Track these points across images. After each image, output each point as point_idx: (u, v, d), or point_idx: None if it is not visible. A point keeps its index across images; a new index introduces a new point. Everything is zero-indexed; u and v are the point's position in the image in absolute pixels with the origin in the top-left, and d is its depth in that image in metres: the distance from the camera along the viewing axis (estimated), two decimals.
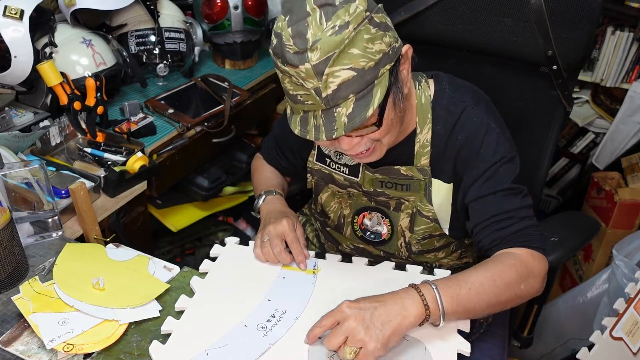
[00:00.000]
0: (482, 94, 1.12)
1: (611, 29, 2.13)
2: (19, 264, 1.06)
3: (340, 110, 0.89)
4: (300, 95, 0.89)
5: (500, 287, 0.93)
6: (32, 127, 1.49)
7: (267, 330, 0.94)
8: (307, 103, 0.90)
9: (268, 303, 1.00)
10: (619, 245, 1.65)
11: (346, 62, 0.85)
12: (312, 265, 1.10)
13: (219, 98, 1.80)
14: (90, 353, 0.91)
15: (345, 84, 0.87)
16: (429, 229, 1.16)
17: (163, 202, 1.89)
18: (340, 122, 0.89)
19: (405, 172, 1.12)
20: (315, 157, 1.22)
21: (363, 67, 0.87)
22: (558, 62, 1.28)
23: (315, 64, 0.85)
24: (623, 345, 1.16)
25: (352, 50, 0.85)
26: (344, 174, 1.19)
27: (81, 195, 1.20)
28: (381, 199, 1.18)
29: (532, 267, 0.97)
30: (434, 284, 0.91)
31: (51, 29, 1.56)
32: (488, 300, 0.93)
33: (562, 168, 2.50)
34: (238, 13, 1.93)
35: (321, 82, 0.86)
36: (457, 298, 0.90)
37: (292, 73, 0.87)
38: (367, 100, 0.89)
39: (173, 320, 0.96)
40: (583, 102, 2.37)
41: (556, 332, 1.85)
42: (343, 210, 1.24)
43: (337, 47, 0.84)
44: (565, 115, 1.38)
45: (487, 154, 1.04)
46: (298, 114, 0.94)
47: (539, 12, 1.24)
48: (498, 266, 0.96)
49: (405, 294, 0.90)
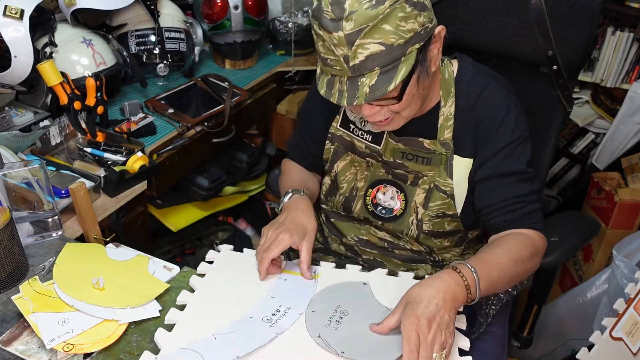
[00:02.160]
0: (503, 78, 1.17)
1: (611, 29, 2.13)
2: (19, 264, 1.06)
3: (364, 80, 0.94)
4: (330, 59, 0.95)
5: (518, 266, 1.03)
6: (32, 126, 1.49)
7: (272, 322, 0.96)
8: (335, 68, 0.95)
9: (272, 300, 1.01)
10: (619, 245, 1.65)
11: (377, 37, 0.90)
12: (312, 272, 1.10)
13: (219, 98, 1.80)
14: (90, 353, 0.91)
15: (373, 57, 0.92)
16: (444, 205, 1.17)
17: (163, 202, 1.89)
18: (362, 92, 0.94)
19: (428, 146, 1.14)
20: (340, 122, 1.24)
21: (392, 44, 0.91)
22: (558, 62, 1.28)
23: (347, 34, 0.90)
24: (623, 345, 1.16)
25: (385, 26, 0.90)
26: (366, 141, 1.20)
27: (81, 195, 1.20)
28: (399, 172, 1.19)
29: (539, 246, 1.08)
30: (473, 269, 0.96)
31: (51, 28, 1.56)
32: (509, 279, 1.03)
33: (562, 168, 2.50)
34: (238, 13, 1.93)
35: (350, 51, 0.91)
36: (489, 280, 0.97)
37: (326, 38, 0.93)
38: (390, 75, 0.93)
39: (177, 311, 0.97)
40: (583, 102, 2.37)
41: (556, 332, 1.85)
42: (357, 182, 1.24)
43: (371, 21, 0.89)
44: (565, 115, 1.38)
45: (507, 132, 1.09)
46: (326, 75, 0.99)
47: (539, 12, 1.24)
48: (516, 247, 1.04)
49: (452, 280, 0.93)
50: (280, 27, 2.11)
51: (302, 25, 2.10)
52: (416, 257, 1.26)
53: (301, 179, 1.31)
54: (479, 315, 1.28)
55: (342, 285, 1.06)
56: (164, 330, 0.93)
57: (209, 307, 0.99)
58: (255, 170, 2.06)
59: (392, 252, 1.26)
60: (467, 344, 0.94)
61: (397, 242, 1.25)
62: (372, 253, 1.28)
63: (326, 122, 1.27)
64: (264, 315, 0.97)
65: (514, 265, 1.02)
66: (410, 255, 1.25)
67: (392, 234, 1.24)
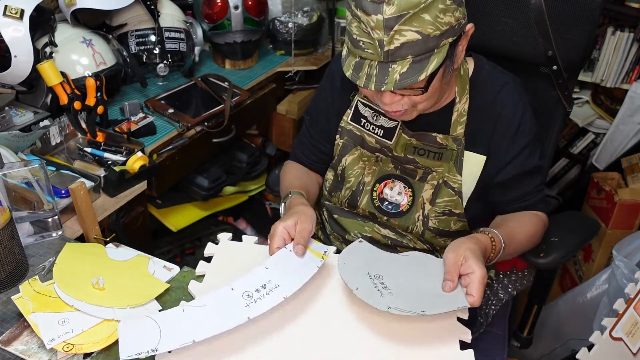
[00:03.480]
0: (518, 79, 1.19)
1: (611, 30, 2.13)
2: (19, 264, 1.06)
3: (395, 67, 0.94)
4: (363, 42, 0.94)
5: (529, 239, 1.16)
6: (32, 126, 1.49)
7: (250, 301, 0.91)
8: (367, 51, 0.95)
9: (264, 271, 0.98)
10: (619, 245, 1.65)
11: (415, 25, 0.91)
12: (323, 250, 1.07)
13: (219, 98, 1.80)
14: (90, 353, 0.91)
15: (408, 45, 0.92)
16: (451, 203, 1.17)
17: (163, 202, 1.89)
18: (392, 78, 0.94)
19: (440, 141, 1.15)
20: (350, 116, 1.24)
21: (429, 34, 0.92)
22: (558, 62, 1.28)
23: (387, 18, 0.90)
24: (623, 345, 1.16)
25: (424, 16, 0.90)
26: (377, 135, 1.20)
27: (81, 195, 1.20)
28: (408, 167, 1.20)
29: (545, 225, 1.20)
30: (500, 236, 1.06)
31: (51, 28, 1.56)
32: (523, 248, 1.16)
33: (562, 168, 2.50)
34: (238, 13, 1.93)
35: (387, 36, 0.91)
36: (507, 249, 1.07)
37: (363, 19, 0.92)
38: (422, 65, 0.94)
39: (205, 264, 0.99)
40: (583, 103, 2.37)
41: (556, 332, 1.85)
42: (365, 176, 1.24)
43: (412, 8, 0.89)
44: (565, 115, 1.38)
45: (525, 131, 1.13)
46: (354, 57, 0.98)
47: (539, 13, 1.24)
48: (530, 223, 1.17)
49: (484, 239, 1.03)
50: (280, 27, 2.11)
51: (302, 25, 2.10)
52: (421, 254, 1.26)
53: (300, 182, 1.29)
54: (479, 315, 1.28)
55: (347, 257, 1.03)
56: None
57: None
58: (255, 170, 2.06)
59: (395, 249, 1.26)
60: (469, 336, 0.94)
61: (401, 240, 1.25)
62: None
63: (337, 117, 1.26)
64: (246, 290, 0.92)
65: (525, 238, 1.14)
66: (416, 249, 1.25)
67: (396, 231, 1.24)
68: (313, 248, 1.07)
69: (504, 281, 1.34)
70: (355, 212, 1.27)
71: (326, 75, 1.30)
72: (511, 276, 1.35)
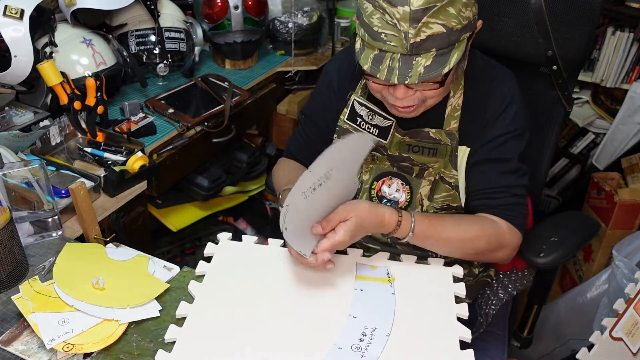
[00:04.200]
0: (512, 73, 1.18)
1: (611, 30, 2.13)
2: (19, 264, 1.06)
3: (419, 59, 0.94)
4: (385, 34, 0.93)
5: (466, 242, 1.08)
6: (32, 126, 1.49)
7: (363, 351, 0.89)
8: (389, 44, 0.94)
9: (354, 321, 0.95)
10: (619, 245, 1.65)
11: (442, 18, 0.91)
12: (385, 274, 1.06)
13: (219, 98, 1.80)
14: (90, 353, 0.91)
15: (433, 37, 0.92)
16: (449, 197, 1.17)
17: (163, 202, 1.89)
18: (416, 71, 0.94)
19: (434, 135, 1.15)
20: (347, 115, 1.23)
21: (452, 28, 0.92)
22: (558, 62, 1.28)
23: (415, 10, 0.90)
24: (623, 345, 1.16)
25: (450, 9, 0.91)
26: (373, 134, 1.20)
27: (81, 195, 1.20)
28: (404, 165, 1.20)
29: (504, 238, 1.10)
30: (414, 216, 1.05)
31: (51, 28, 1.56)
32: (450, 246, 1.09)
33: (562, 168, 2.50)
34: (238, 13, 1.93)
35: (413, 28, 0.91)
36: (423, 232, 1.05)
37: (388, 11, 0.92)
38: (445, 59, 0.94)
39: (176, 328, 0.94)
40: (583, 103, 2.37)
41: (556, 332, 1.85)
42: (362, 175, 1.24)
43: (440, 1, 0.90)
44: (565, 115, 1.38)
45: (504, 123, 1.12)
46: (372, 50, 0.97)
47: (539, 13, 1.24)
48: (471, 224, 1.10)
49: (387, 213, 1.03)
50: (280, 27, 2.11)
51: (302, 25, 2.10)
52: (418, 253, 1.26)
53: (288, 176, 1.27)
54: (479, 316, 1.28)
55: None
56: (165, 352, 0.90)
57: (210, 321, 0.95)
58: (255, 170, 2.06)
59: (394, 247, 1.26)
60: (469, 336, 0.94)
61: None
62: (374, 249, 1.28)
63: (334, 117, 1.26)
64: (352, 343, 0.90)
65: (460, 236, 1.07)
66: (411, 251, 1.25)
67: None
68: (374, 276, 1.06)
69: (504, 281, 1.34)
70: None
71: (322, 76, 1.30)
72: (511, 276, 1.35)
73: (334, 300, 1.00)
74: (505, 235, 1.10)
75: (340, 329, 0.94)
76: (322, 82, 1.29)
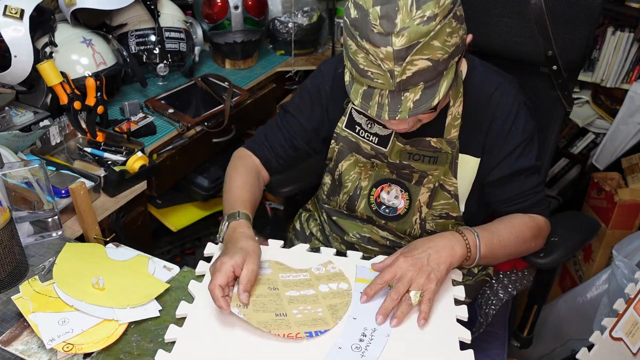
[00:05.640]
0: (513, 78, 1.17)
1: (611, 30, 2.13)
2: (19, 264, 1.06)
3: (408, 95, 0.93)
4: (372, 72, 0.93)
5: (519, 242, 1.12)
6: (32, 126, 1.49)
7: (363, 351, 0.90)
8: (377, 81, 0.93)
9: (354, 322, 0.96)
10: (619, 245, 1.65)
11: (426, 53, 0.89)
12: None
13: (219, 98, 1.80)
14: (90, 353, 0.91)
15: (419, 72, 0.91)
16: (447, 206, 1.17)
17: (163, 202, 1.89)
18: (406, 106, 0.93)
19: (435, 144, 1.14)
20: (345, 123, 1.22)
21: (438, 59, 0.91)
22: (558, 62, 1.28)
23: (397, 49, 0.88)
24: (623, 345, 1.16)
25: (434, 42, 0.89)
26: (372, 142, 1.20)
27: (81, 195, 1.20)
28: (404, 172, 1.19)
29: (543, 229, 1.17)
30: (475, 231, 1.06)
31: (51, 28, 1.56)
32: (508, 253, 1.12)
33: (562, 168, 2.50)
34: (238, 13, 1.93)
35: (398, 66, 0.89)
36: (490, 246, 1.07)
37: (371, 52, 0.90)
38: (434, 90, 0.93)
39: (176, 328, 0.94)
40: (583, 103, 2.37)
41: (556, 332, 1.84)
42: (361, 181, 1.24)
43: (422, 38, 0.87)
44: (565, 115, 1.38)
45: (518, 132, 1.12)
46: (362, 86, 0.96)
47: (539, 13, 1.24)
48: (520, 225, 1.13)
49: (452, 237, 1.04)
50: (280, 27, 2.11)
51: (302, 25, 2.10)
52: None
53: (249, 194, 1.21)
54: (479, 316, 1.29)
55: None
56: (164, 352, 0.90)
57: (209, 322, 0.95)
58: None
59: (393, 249, 1.26)
60: (469, 337, 0.94)
61: (400, 241, 1.25)
62: (373, 250, 1.28)
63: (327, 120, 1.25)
64: (352, 343, 0.91)
65: (515, 240, 1.11)
66: None
67: (395, 234, 1.25)
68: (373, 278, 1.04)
69: (504, 281, 1.34)
70: (354, 215, 1.28)
71: (314, 75, 1.26)
72: (511, 276, 1.35)
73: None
74: (541, 224, 1.16)
75: (340, 329, 0.94)
76: (312, 81, 1.26)
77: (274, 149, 1.28)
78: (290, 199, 1.61)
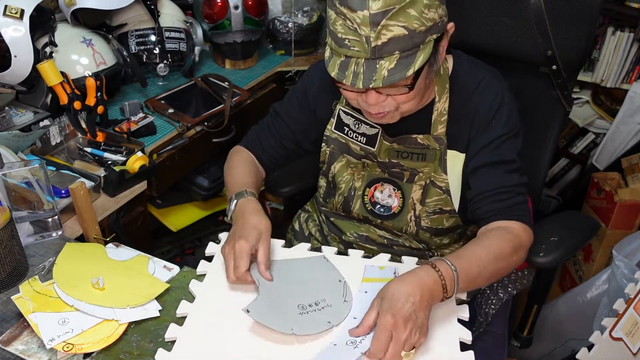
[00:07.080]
0: (499, 73, 1.16)
1: (611, 30, 2.13)
2: (19, 264, 1.06)
3: (383, 63, 0.93)
4: (348, 39, 0.93)
5: (499, 262, 1.02)
6: (32, 126, 1.50)
7: (357, 344, 0.90)
8: (353, 49, 0.93)
9: (354, 321, 0.95)
10: (619, 245, 1.65)
11: (402, 20, 0.90)
12: (392, 274, 1.06)
13: (219, 98, 1.80)
14: (90, 353, 0.91)
15: (395, 40, 0.91)
16: (440, 201, 1.17)
17: (163, 201, 1.89)
18: (380, 74, 0.93)
19: (422, 141, 1.14)
20: (334, 125, 1.23)
21: (415, 29, 0.92)
22: (557, 62, 1.28)
23: (373, 13, 0.89)
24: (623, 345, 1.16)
25: (410, 10, 0.90)
26: (361, 143, 1.20)
27: (81, 194, 1.20)
28: (395, 170, 1.20)
29: (523, 240, 1.07)
30: (453, 266, 0.95)
31: (51, 28, 1.56)
32: (489, 275, 1.02)
33: (562, 168, 2.50)
34: (238, 13, 1.93)
35: (373, 32, 0.90)
36: (467, 275, 0.97)
37: (348, 16, 0.91)
38: (409, 61, 0.93)
39: (176, 327, 0.95)
40: (583, 103, 2.37)
41: (556, 332, 1.84)
42: (355, 182, 1.24)
43: (398, 3, 0.89)
44: (565, 115, 1.38)
45: (498, 125, 1.10)
46: (339, 57, 0.97)
47: (539, 12, 1.24)
48: (497, 242, 1.04)
49: (430, 280, 0.93)
50: (280, 27, 2.11)
51: (302, 25, 2.10)
52: (415, 253, 1.26)
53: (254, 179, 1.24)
54: (479, 315, 1.29)
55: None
56: (164, 351, 0.90)
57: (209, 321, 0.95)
58: None
59: (391, 248, 1.26)
60: (469, 337, 0.94)
61: (397, 239, 1.25)
62: (371, 249, 1.28)
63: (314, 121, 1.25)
64: (347, 339, 0.91)
65: (494, 260, 1.01)
66: (409, 252, 1.26)
67: (392, 232, 1.25)
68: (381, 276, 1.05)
69: (504, 281, 1.34)
70: (351, 216, 1.28)
71: (304, 77, 1.28)
72: (511, 276, 1.35)
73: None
74: (520, 235, 1.07)
75: (339, 329, 0.94)
76: (300, 83, 1.28)
77: (265, 149, 1.31)
78: (290, 199, 1.61)
